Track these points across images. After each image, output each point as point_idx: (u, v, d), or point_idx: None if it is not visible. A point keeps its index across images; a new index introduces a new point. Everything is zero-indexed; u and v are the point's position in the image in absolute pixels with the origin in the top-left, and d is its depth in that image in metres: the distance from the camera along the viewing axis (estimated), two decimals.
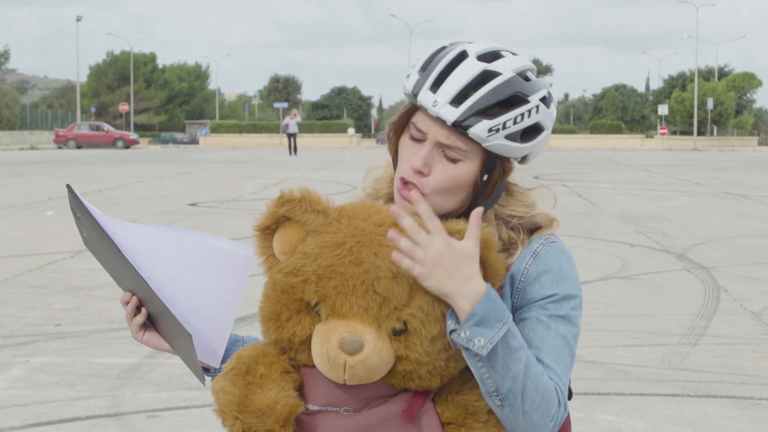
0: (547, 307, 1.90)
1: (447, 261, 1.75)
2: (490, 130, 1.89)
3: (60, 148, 62.66)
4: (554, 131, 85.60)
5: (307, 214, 1.83)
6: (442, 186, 1.91)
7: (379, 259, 1.76)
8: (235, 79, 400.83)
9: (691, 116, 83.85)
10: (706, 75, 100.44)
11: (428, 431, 1.80)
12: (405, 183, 1.93)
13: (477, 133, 1.88)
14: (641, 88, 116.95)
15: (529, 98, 1.91)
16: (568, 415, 1.97)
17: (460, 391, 1.83)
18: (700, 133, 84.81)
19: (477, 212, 1.79)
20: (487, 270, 1.81)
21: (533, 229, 1.99)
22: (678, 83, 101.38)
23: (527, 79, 1.93)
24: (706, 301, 9.01)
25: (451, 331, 1.77)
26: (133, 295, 1.97)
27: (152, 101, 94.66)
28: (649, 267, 11.01)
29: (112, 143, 63.06)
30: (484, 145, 1.90)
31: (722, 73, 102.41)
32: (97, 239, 1.94)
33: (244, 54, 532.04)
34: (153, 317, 1.97)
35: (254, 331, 7.22)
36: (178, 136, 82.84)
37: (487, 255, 1.81)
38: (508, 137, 1.91)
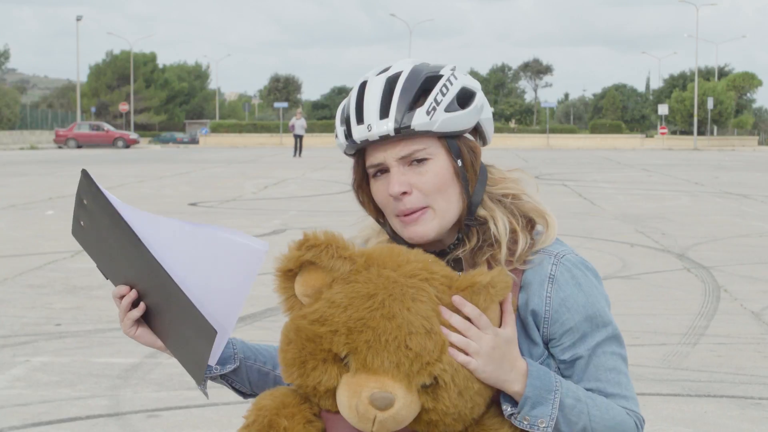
0: (589, 337, 1.92)
1: (497, 352, 1.80)
2: (428, 113, 1.90)
3: (60, 147, 62.66)
4: (554, 131, 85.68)
5: (334, 260, 1.79)
6: (431, 189, 1.91)
7: (412, 315, 1.74)
8: (236, 78, 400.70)
9: (692, 116, 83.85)
10: (707, 75, 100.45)
11: None
12: (405, 215, 1.93)
13: (420, 121, 1.89)
14: (641, 88, 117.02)
15: (441, 72, 1.95)
16: None
17: (481, 421, 1.84)
18: (701, 132, 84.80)
19: (508, 300, 1.83)
20: (504, 316, 1.86)
21: (528, 223, 1.97)
22: (678, 83, 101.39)
23: (427, 65, 1.97)
24: (706, 300, 9.01)
25: (510, 415, 1.83)
26: (131, 288, 1.91)
27: (152, 101, 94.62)
28: (649, 267, 11.01)
29: (112, 143, 63.06)
30: (434, 129, 1.90)
31: (722, 73, 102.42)
32: (103, 228, 1.87)
33: (245, 54, 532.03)
34: (151, 311, 1.92)
35: (254, 332, 7.13)
36: (178, 135, 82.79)
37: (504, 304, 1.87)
38: (447, 109, 1.92)
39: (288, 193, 21.75)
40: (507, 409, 1.83)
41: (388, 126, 1.88)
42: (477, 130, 1.99)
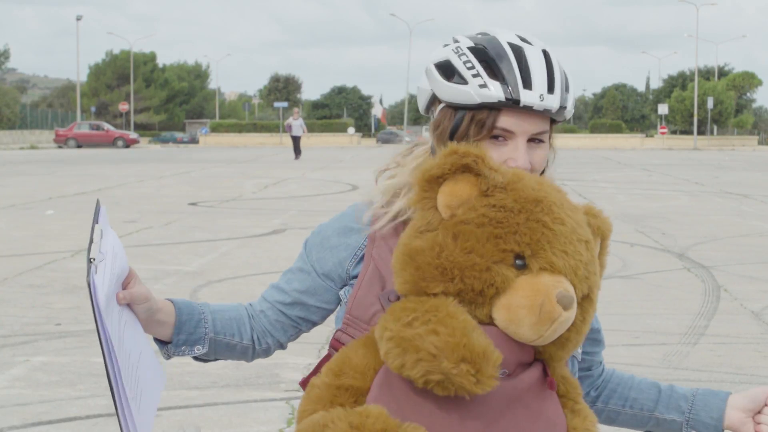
0: None
1: None
2: (573, 103, 1.98)
3: (60, 147, 62.65)
4: (554, 130, 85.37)
5: (490, 170, 1.77)
6: (537, 170, 1.95)
7: (574, 222, 1.77)
8: (236, 78, 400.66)
9: (691, 115, 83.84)
10: (706, 74, 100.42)
11: (556, 401, 1.82)
12: None
13: (569, 106, 1.95)
14: (641, 88, 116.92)
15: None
16: None
17: (563, 367, 1.85)
18: (700, 132, 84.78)
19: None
20: (600, 268, 1.86)
21: None
22: (678, 82, 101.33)
23: None
24: (706, 300, 9.01)
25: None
26: None
27: (152, 100, 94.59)
28: (649, 266, 11.01)
29: (112, 142, 63.05)
30: (568, 116, 1.97)
31: (722, 73, 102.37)
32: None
33: (246, 53, 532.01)
34: None
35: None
36: (178, 135, 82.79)
37: (604, 250, 1.88)
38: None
39: (288, 193, 21.75)
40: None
41: (554, 102, 1.90)
42: None
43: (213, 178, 27.30)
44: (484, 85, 1.89)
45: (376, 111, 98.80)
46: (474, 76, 1.90)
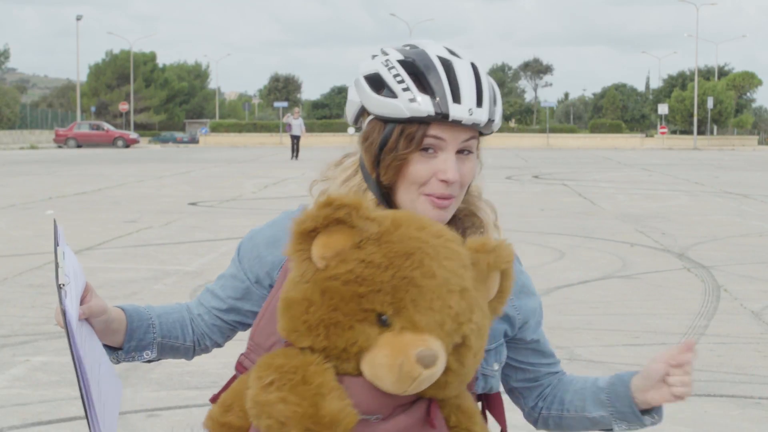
0: (540, 317, 2.13)
1: None
2: (501, 116, 1.96)
3: (60, 147, 62.66)
4: (554, 130, 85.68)
5: (364, 220, 1.76)
6: (466, 182, 1.94)
7: (448, 273, 1.75)
8: (236, 78, 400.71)
9: (691, 115, 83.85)
10: (706, 74, 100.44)
11: None
12: (439, 198, 1.93)
13: (497, 119, 1.94)
14: (641, 88, 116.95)
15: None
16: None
17: (459, 395, 1.85)
18: (700, 132, 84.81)
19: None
20: (503, 294, 1.86)
21: (479, 226, 2.02)
22: (678, 82, 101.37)
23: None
24: (706, 300, 9.02)
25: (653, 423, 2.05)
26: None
27: (152, 100, 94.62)
28: (649, 266, 11.01)
29: (112, 142, 63.07)
30: (496, 130, 1.96)
31: (722, 72, 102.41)
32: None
33: (246, 53, 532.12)
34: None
35: None
36: (178, 135, 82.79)
37: (507, 276, 1.86)
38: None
39: (288, 193, 21.75)
40: (654, 418, 2.02)
41: (483, 116, 1.90)
42: None
43: (213, 178, 27.31)
44: (413, 99, 1.89)
45: None
46: (404, 90, 1.90)
